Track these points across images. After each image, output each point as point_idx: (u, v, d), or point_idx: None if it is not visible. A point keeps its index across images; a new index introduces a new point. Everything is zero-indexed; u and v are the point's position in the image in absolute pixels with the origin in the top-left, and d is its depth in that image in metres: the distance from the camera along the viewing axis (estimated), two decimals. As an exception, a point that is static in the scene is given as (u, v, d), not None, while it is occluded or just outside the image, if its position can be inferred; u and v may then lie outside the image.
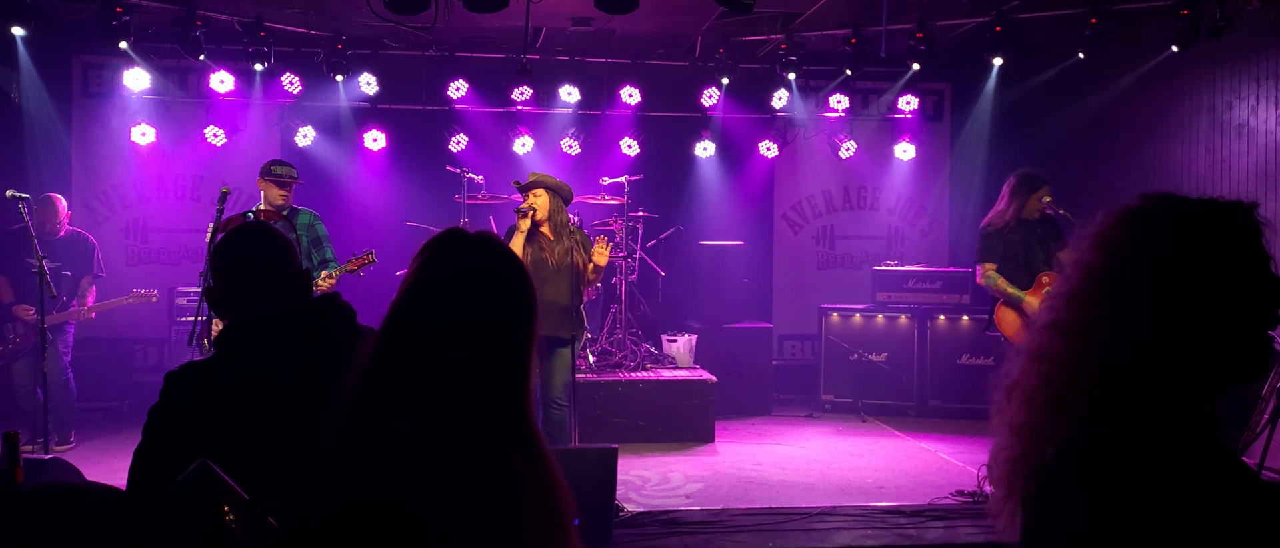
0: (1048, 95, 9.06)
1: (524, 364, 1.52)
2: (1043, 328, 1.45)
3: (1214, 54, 7.20)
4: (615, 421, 7.48)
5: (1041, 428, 1.39)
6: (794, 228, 10.19)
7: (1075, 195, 7.84)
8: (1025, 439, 1.41)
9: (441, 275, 1.53)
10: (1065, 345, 1.40)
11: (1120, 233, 1.41)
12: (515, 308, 1.53)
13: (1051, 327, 1.44)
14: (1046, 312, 1.47)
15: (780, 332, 9.80)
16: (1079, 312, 1.40)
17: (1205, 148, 7.45)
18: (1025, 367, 1.46)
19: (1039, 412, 1.40)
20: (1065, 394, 1.37)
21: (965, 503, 5.66)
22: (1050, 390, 1.39)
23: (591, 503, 4.69)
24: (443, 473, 1.39)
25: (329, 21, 8.32)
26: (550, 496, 1.50)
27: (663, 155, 9.66)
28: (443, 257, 1.55)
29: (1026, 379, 1.44)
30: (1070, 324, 1.41)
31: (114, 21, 7.33)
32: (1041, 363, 1.42)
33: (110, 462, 6.52)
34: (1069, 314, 1.42)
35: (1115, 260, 1.39)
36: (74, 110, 9.04)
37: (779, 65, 8.63)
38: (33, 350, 6.76)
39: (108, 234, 8.89)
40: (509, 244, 6.06)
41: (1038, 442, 1.39)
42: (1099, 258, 1.41)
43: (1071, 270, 1.45)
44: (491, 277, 1.53)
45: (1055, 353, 1.40)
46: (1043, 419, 1.39)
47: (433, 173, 9.03)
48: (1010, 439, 1.44)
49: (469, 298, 1.50)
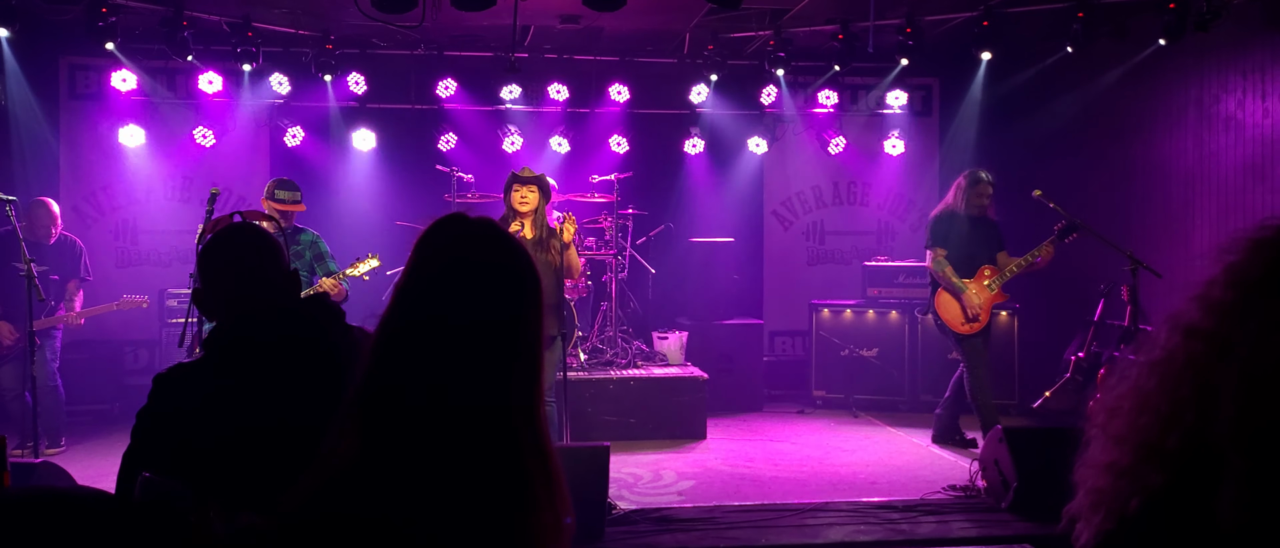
0: (1036, 90, 9.09)
1: (535, 360, 1.46)
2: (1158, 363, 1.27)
3: (1201, 48, 7.23)
4: (607, 418, 7.48)
5: (1132, 474, 1.25)
6: (784, 224, 10.20)
7: (1064, 189, 7.86)
8: (1113, 478, 1.28)
9: (445, 268, 1.45)
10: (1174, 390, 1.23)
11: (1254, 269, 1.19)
12: (525, 302, 1.46)
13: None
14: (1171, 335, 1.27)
15: (771, 328, 9.81)
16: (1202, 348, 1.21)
17: (1193, 141, 7.48)
18: (1127, 401, 1.30)
19: (1130, 459, 1.26)
20: (1160, 446, 1.22)
21: (957, 498, 5.68)
22: (1145, 437, 1.24)
23: (584, 501, 4.69)
24: (456, 476, 1.36)
25: (317, 21, 8.29)
26: (559, 495, 1.47)
27: (652, 153, 9.66)
28: (445, 247, 1.47)
29: (1123, 420, 1.29)
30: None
31: (100, 22, 7.28)
32: (1141, 413, 1.26)
33: (101, 465, 6.49)
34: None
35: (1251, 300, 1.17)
36: (61, 112, 8.99)
37: (768, 61, 8.63)
38: (21, 355, 6.73)
39: (97, 237, 8.84)
40: None
41: (1125, 485, 1.26)
42: (1230, 296, 1.20)
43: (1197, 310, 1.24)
44: (500, 270, 1.46)
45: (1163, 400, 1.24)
46: (1134, 467, 1.25)
47: (422, 172, 9.01)
48: (1103, 473, 1.30)
49: (477, 293, 1.43)
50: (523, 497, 1.40)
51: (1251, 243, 1.21)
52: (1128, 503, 1.24)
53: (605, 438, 6.72)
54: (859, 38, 8.19)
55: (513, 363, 1.43)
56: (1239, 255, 1.21)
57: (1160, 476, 1.21)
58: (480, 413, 1.40)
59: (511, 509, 1.38)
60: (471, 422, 1.39)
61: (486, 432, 1.40)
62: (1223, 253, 1.23)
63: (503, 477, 1.39)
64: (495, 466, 1.39)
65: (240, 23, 8.02)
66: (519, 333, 1.44)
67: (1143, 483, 1.23)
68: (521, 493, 1.40)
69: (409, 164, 9.31)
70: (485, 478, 1.38)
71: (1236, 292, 1.19)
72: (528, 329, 1.45)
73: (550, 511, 1.44)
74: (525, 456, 1.42)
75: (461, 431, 1.38)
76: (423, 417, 1.38)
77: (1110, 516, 1.26)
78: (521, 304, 1.46)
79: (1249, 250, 1.21)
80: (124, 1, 7.51)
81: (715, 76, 9.08)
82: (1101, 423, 1.34)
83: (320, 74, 8.57)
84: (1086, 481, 1.34)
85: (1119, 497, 1.26)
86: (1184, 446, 1.19)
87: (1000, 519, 5.21)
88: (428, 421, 1.38)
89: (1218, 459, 1.15)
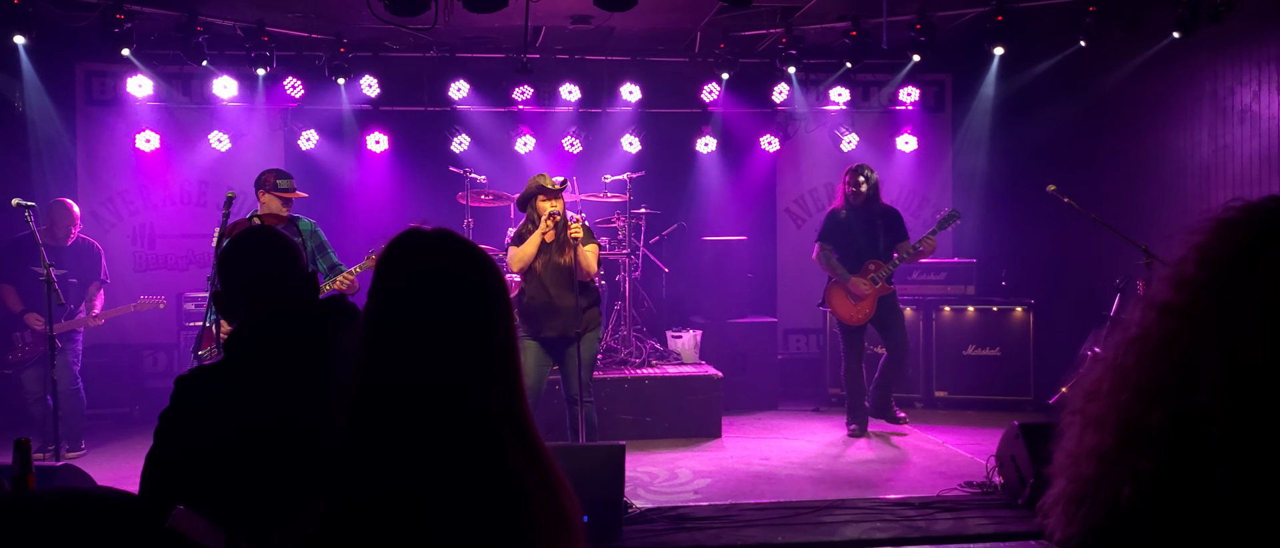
0: (1049, 84, 9.05)
1: (508, 356, 1.50)
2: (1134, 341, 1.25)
3: (1215, 40, 7.19)
4: (622, 417, 7.50)
5: (1118, 459, 1.21)
6: (797, 222, 10.19)
7: (1078, 184, 7.84)
8: (1098, 465, 1.24)
9: (411, 278, 1.49)
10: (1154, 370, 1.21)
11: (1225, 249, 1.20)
12: (490, 304, 1.50)
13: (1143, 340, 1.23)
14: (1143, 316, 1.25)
15: (785, 326, 9.80)
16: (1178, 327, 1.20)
17: (1208, 134, 7.44)
18: (1105, 382, 1.27)
19: (1112, 440, 1.22)
20: (1144, 423, 1.19)
21: (974, 494, 5.67)
22: (1127, 415, 1.21)
23: (600, 500, 4.71)
24: (445, 470, 1.39)
25: (330, 25, 8.34)
26: (556, 490, 1.49)
27: (664, 152, 9.67)
28: (404, 259, 1.51)
29: (1102, 401, 1.26)
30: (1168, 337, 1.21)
31: (116, 29, 7.34)
32: (1120, 390, 1.23)
33: (121, 468, 6.55)
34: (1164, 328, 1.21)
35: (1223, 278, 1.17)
36: (78, 118, 9.07)
37: (779, 59, 8.62)
38: (42, 358, 6.79)
39: (115, 241, 8.92)
40: (521, 247, 6.02)
41: (1112, 473, 1.22)
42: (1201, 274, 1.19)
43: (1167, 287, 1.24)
44: (460, 277, 1.50)
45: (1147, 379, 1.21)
46: (1119, 451, 1.21)
47: (435, 174, 9.05)
48: (1085, 459, 1.26)
49: (442, 298, 1.47)
50: (513, 486, 1.42)
51: (1219, 223, 1.22)
52: (1118, 493, 1.19)
53: (620, 437, 6.75)
54: (871, 34, 8.18)
55: (487, 360, 1.47)
56: (1207, 236, 1.22)
57: (1150, 461, 1.17)
58: (460, 409, 1.43)
59: (501, 499, 1.41)
60: (453, 416, 1.42)
61: (468, 426, 1.42)
62: (1190, 234, 1.24)
63: (489, 469, 1.41)
64: (480, 459, 1.41)
65: (254, 27, 8.08)
66: (489, 334, 1.48)
67: (1132, 469, 1.18)
68: (511, 483, 1.42)
69: (422, 166, 9.35)
70: (472, 472, 1.40)
71: (1208, 269, 1.19)
72: (496, 330, 1.49)
73: (546, 498, 1.46)
74: (510, 449, 1.44)
75: (443, 426, 1.41)
76: (407, 416, 1.42)
77: (1097, 507, 1.22)
78: (487, 306, 1.49)
79: (1217, 231, 1.21)
80: (139, 8, 7.57)
81: (727, 75, 9.08)
82: (1079, 407, 1.31)
83: (333, 77, 8.62)
84: (1067, 470, 1.29)
85: (1107, 486, 1.21)
86: (1168, 423, 1.16)
87: (1017, 516, 5.20)
88: (411, 420, 1.41)
89: (1205, 438, 1.13)
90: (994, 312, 8.60)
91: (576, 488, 1.55)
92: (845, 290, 7.33)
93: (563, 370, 5.97)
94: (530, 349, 5.89)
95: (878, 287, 7.27)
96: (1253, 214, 1.20)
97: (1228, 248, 1.19)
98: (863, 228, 7.35)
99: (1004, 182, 9.72)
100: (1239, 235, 1.19)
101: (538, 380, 5.96)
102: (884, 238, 7.36)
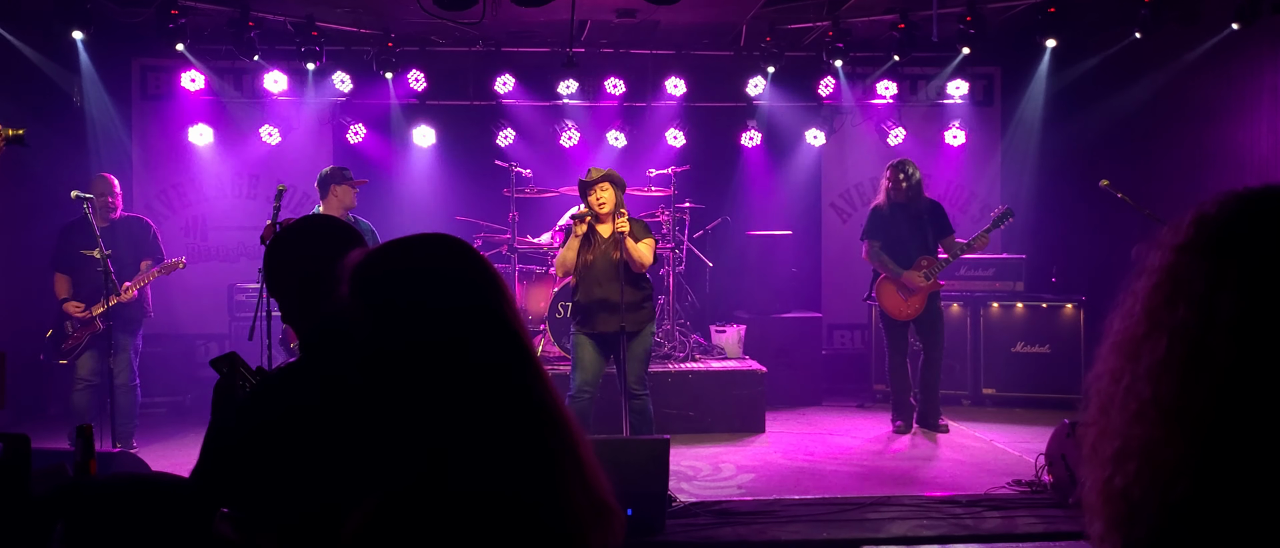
0: (1102, 78, 8.87)
1: (530, 341, 1.51)
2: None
3: (1276, 31, 7.00)
4: (666, 411, 7.49)
5: (1169, 447, 1.14)
6: (842, 216, 10.11)
7: (1132, 180, 7.69)
8: (1145, 462, 1.16)
9: (413, 274, 1.51)
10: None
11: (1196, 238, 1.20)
12: (487, 291, 1.50)
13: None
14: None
15: (830, 321, 9.73)
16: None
17: (1268, 129, 7.24)
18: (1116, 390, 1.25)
19: (1160, 426, 1.16)
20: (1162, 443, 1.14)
21: (1023, 493, 5.58)
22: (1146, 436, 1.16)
23: (644, 494, 4.71)
24: (480, 453, 1.40)
25: (378, 20, 8.43)
26: (592, 476, 1.49)
27: (709, 146, 9.64)
28: (401, 259, 1.53)
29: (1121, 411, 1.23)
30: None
31: (171, 24, 7.48)
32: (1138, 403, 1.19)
33: (174, 456, 6.67)
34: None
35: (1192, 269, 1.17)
36: (133, 112, 9.26)
37: (825, 52, 8.56)
38: (94, 342, 6.71)
39: (169, 233, 9.05)
40: (562, 252, 5.98)
41: (1159, 472, 1.14)
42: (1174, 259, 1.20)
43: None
44: (445, 273, 1.50)
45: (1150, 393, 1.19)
46: (1166, 436, 1.15)
47: (481, 167, 9.10)
48: (1114, 463, 1.20)
49: (444, 288, 1.48)
50: (551, 472, 1.43)
51: (1197, 219, 1.22)
52: (1172, 488, 1.11)
53: (664, 431, 6.74)
54: (919, 26, 8.08)
55: (519, 340, 1.47)
56: (1184, 235, 1.22)
57: (1196, 448, 1.10)
58: (493, 388, 1.43)
59: (536, 477, 1.41)
60: (485, 398, 1.42)
61: (503, 407, 1.43)
62: (1171, 231, 1.25)
63: (525, 453, 1.42)
64: (516, 439, 1.42)
65: (304, 23, 8.19)
66: (506, 317, 1.49)
67: (1187, 462, 1.10)
68: (549, 468, 1.43)
69: (468, 160, 9.41)
70: (507, 454, 1.40)
71: (1203, 260, 1.18)
72: (509, 315, 1.50)
73: (581, 488, 1.46)
74: (546, 434, 1.45)
75: (477, 404, 1.42)
76: (452, 396, 1.42)
77: (1149, 502, 1.13)
78: (485, 294, 1.49)
79: (1193, 227, 1.22)
80: (193, 4, 7.72)
81: (772, 68, 9.02)
82: (1106, 389, 1.28)
83: (381, 72, 8.71)
84: (1108, 463, 1.21)
85: (1158, 480, 1.13)
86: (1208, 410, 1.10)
87: (1067, 515, 5.11)
88: (456, 399, 1.42)
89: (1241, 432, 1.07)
90: (1043, 308, 8.47)
91: (620, 481, 1.55)
92: (896, 285, 7.28)
93: (618, 364, 5.96)
94: (584, 344, 5.89)
95: (930, 283, 7.24)
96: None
97: (1226, 232, 1.18)
98: (908, 223, 7.33)
99: (1054, 177, 9.56)
100: (1220, 228, 1.19)
101: (594, 375, 5.95)
102: (930, 232, 7.31)
